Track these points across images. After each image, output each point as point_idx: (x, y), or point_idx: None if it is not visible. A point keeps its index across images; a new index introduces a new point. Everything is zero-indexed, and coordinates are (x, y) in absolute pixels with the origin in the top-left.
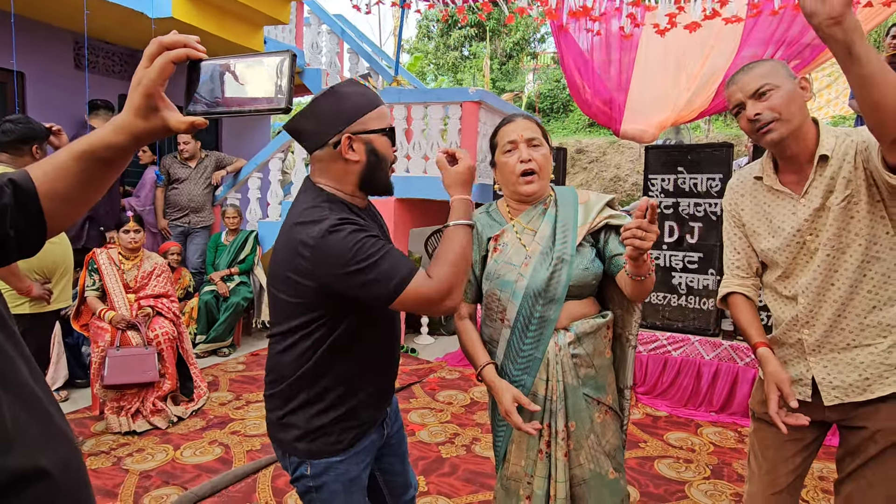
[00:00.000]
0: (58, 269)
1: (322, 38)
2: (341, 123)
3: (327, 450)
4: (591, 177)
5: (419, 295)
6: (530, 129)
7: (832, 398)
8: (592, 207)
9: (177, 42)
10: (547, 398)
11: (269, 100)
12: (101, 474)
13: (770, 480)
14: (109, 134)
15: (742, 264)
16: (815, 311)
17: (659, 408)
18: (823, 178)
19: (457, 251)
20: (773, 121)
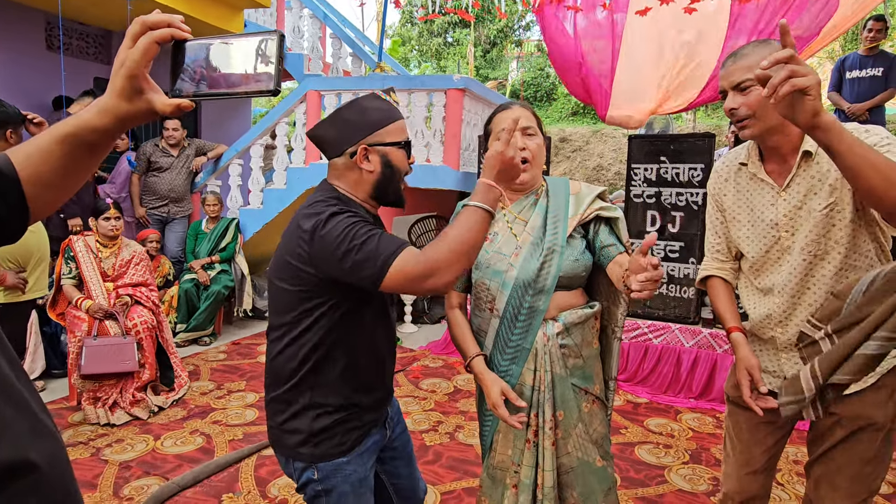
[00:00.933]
0: (32, 257)
1: (304, 22)
2: (359, 134)
3: (332, 452)
4: (574, 166)
5: (404, 273)
6: (525, 116)
7: None
8: (584, 199)
9: (160, 22)
10: (535, 388)
11: (256, 81)
12: (80, 465)
13: (745, 460)
14: (94, 117)
15: (721, 248)
16: (789, 312)
17: (639, 394)
18: (807, 175)
19: (462, 234)
20: (747, 118)
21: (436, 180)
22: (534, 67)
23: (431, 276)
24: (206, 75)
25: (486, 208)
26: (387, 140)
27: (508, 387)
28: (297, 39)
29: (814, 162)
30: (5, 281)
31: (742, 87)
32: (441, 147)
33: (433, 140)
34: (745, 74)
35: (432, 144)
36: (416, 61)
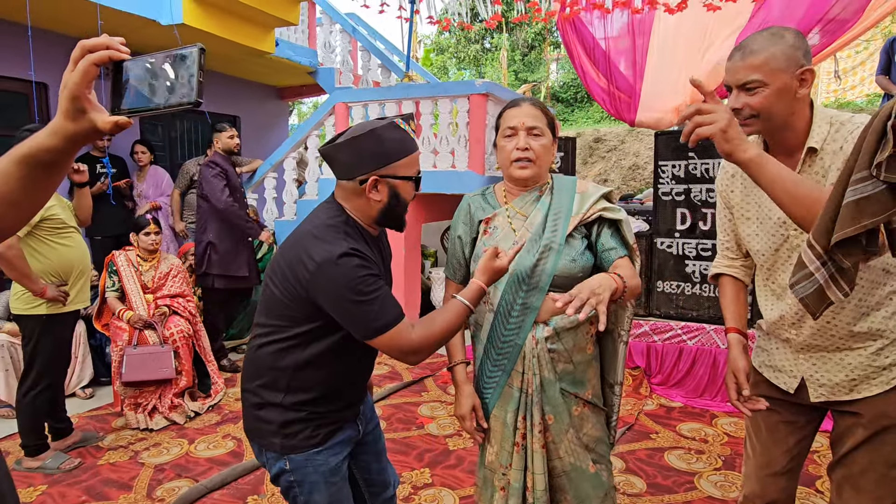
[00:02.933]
0: (74, 270)
1: (335, 37)
2: (372, 165)
3: (303, 444)
4: (609, 166)
5: (394, 342)
6: (533, 116)
7: (818, 395)
8: (588, 198)
9: (98, 45)
10: (522, 390)
11: (180, 95)
12: (119, 468)
13: (764, 461)
14: (45, 138)
15: (731, 245)
16: (802, 315)
17: (674, 398)
18: (812, 172)
19: (449, 324)
20: (750, 117)
21: (462, 186)
22: (572, 69)
23: (414, 353)
24: (141, 92)
25: (470, 307)
26: (399, 173)
27: (480, 406)
28: (328, 54)
29: (818, 159)
30: (45, 294)
31: (748, 87)
32: (466, 152)
33: (458, 146)
34: (752, 74)
35: (457, 150)
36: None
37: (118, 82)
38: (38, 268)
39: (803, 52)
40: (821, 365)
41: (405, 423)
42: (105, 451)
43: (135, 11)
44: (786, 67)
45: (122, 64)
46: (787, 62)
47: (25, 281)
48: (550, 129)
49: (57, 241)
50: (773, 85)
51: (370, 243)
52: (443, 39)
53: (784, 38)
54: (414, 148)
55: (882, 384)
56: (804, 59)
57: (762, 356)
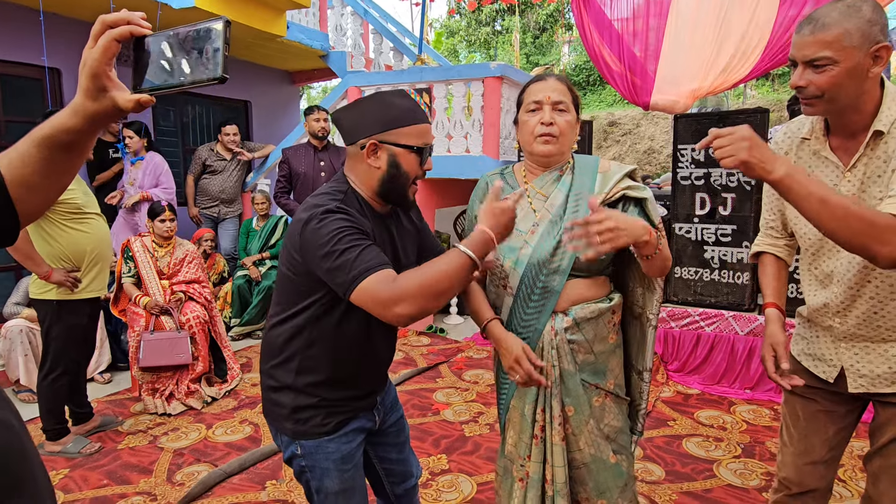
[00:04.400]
0: (86, 257)
1: (346, 20)
2: (374, 128)
3: (314, 431)
4: (624, 149)
5: (371, 293)
6: (559, 91)
7: (857, 385)
8: (611, 177)
9: (119, 20)
10: None
11: (205, 69)
12: (138, 452)
13: (803, 449)
14: (65, 118)
15: (776, 225)
16: (848, 304)
17: (691, 385)
18: (875, 156)
19: (437, 275)
20: (815, 97)
21: (476, 170)
22: (584, 52)
23: (395, 304)
24: (164, 68)
25: (472, 256)
26: (400, 141)
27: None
28: (339, 37)
29: (882, 142)
30: (51, 277)
31: (816, 64)
32: (480, 136)
33: (472, 130)
34: (822, 51)
35: (472, 134)
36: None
37: (140, 59)
38: (48, 251)
39: (880, 28)
40: (863, 355)
41: (421, 409)
42: (125, 436)
43: None
44: (860, 45)
45: (144, 40)
46: (861, 39)
47: (29, 263)
48: (575, 107)
49: (71, 226)
50: (843, 63)
51: (370, 218)
52: (453, 22)
53: (861, 12)
54: (422, 118)
55: None
56: (881, 35)
57: (801, 344)
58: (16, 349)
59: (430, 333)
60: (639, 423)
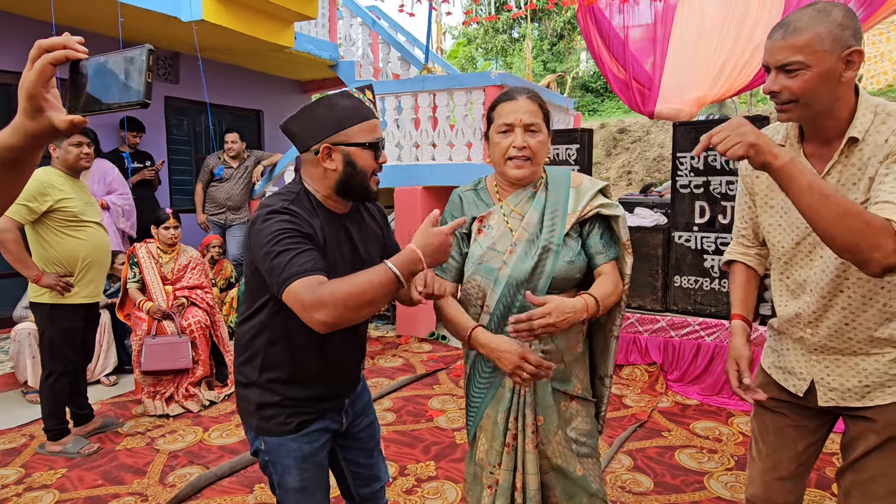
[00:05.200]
0: (79, 262)
1: (355, 30)
2: (324, 133)
3: (276, 429)
4: (633, 157)
5: (296, 297)
6: (531, 112)
7: (827, 399)
8: (584, 193)
9: (55, 44)
10: (515, 392)
11: (128, 94)
12: (135, 454)
13: (771, 465)
14: (6, 136)
15: (747, 234)
16: (820, 315)
17: (689, 395)
18: (848, 163)
19: (361, 288)
20: (789, 102)
21: (477, 178)
22: None
23: (315, 310)
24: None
25: (396, 273)
26: (352, 140)
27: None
28: (348, 47)
29: (857, 150)
30: (40, 281)
31: (788, 69)
32: (482, 145)
33: (473, 138)
34: (794, 56)
35: (473, 143)
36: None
37: (75, 81)
38: (42, 255)
39: (852, 32)
40: (834, 368)
41: (415, 415)
42: (123, 437)
43: (155, 8)
44: (831, 49)
45: (79, 63)
46: (833, 43)
47: (20, 266)
48: (546, 124)
49: (66, 233)
50: (816, 68)
51: (323, 218)
52: (470, 30)
53: (831, 16)
54: (369, 115)
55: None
56: (852, 40)
57: (772, 357)
58: (24, 352)
59: (432, 340)
60: (600, 423)
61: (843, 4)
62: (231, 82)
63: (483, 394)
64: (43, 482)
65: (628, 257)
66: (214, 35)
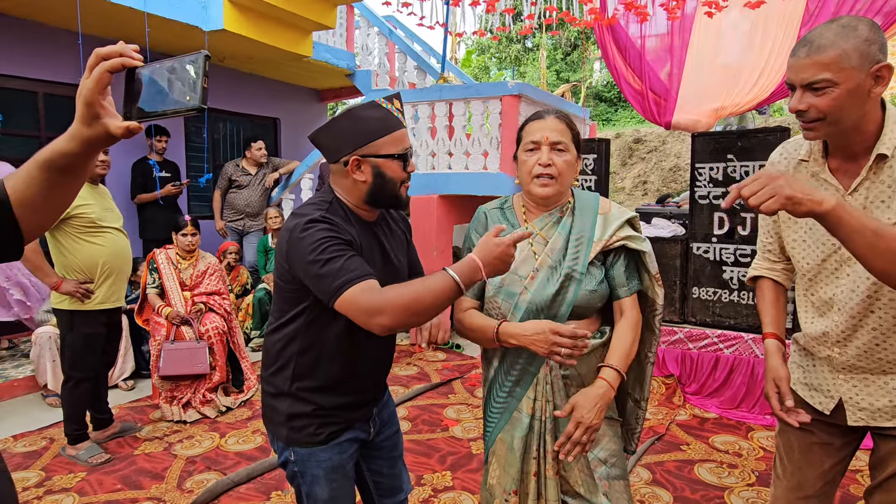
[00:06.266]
0: (98, 269)
1: (372, 39)
2: (352, 146)
3: (307, 440)
4: (649, 167)
5: (354, 302)
6: (558, 131)
7: (857, 419)
8: (612, 222)
9: (112, 52)
10: (535, 418)
11: (186, 100)
12: (153, 458)
13: (796, 483)
14: (63, 142)
15: (773, 248)
16: (849, 334)
17: (708, 409)
18: (877, 180)
19: (422, 295)
20: (816, 120)
21: (493, 187)
22: None
23: (378, 315)
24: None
25: (457, 280)
26: (381, 152)
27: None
28: (365, 57)
29: (886, 166)
30: (60, 288)
31: (815, 87)
32: (498, 154)
33: (490, 147)
34: (821, 73)
35: (490, 152)
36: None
37: (131, 89)
38: (62, 261)
39: (879, 47)
40: (863, 387)
41: (430, 424)
42: (142, 442)
43: (179, 18)
44: (859, 65)
45: (135, 71)
46: (860, 59)
47: (39, 273)
48: (575, 145)
49: (85, 239)
50: (843, 85)
51: (357, 226)
52: (484, 40)
53: (857, 31)
54: (397, 126)
55: None
56: (880, 54)
57: (797, 373)
58: (44, 355)
59: (447, 349)
60: (633, 443)
61: (868, 19)
62: (250, 90)
63: (497, 418)
64: (63, 485)
65: (659, 289)
66: (234, 44)
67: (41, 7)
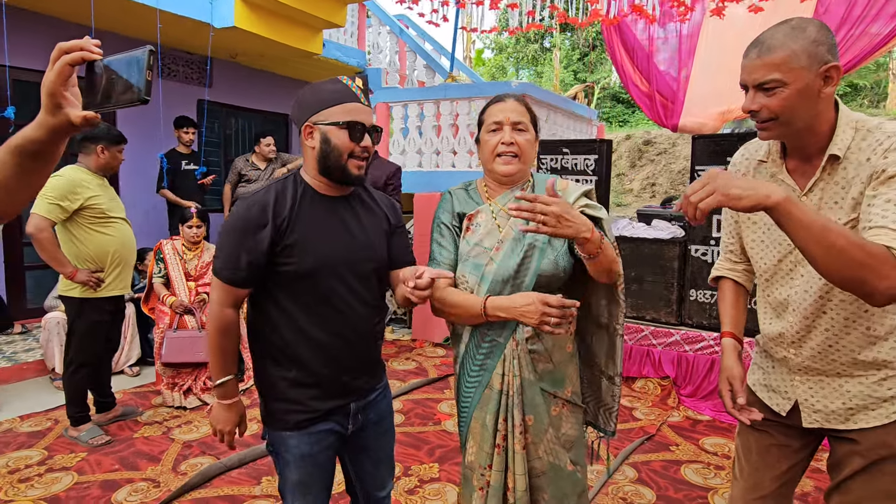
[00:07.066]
0: (108, 257)
1: (383, 38)
2: (308, 113)
3: (275, 423)
4: (658, 169)
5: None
6: (518, 111)
7: (812, 421)
8: (569, 195)
9: (73, 46)
10: (503, 392)
11: (132, 93)
12: (151, 442)
13: (752, 484)
14: (31, 130)
15: (735, 248)
16: (803, 335)
17: (702, 411)
18: (831, 181)
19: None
20: (769, 120)
21: None
22: None
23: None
24: (107, 89)
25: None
26: (328, 119)
27: None
28: (375, 55)
29: (840, 167)
30: (75, 277)
31: (766, 87)
32: None
33: None
34: (770, 74)
35: None
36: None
37: (90, 80)
38: (74, 252)
39: (827, 48)
40: (818, 389)
41: (423, 418)
42: (142, 426)
43: (190, 15)
44: (808, 65)
45: (94, 63)
46: (809, 59)
47: (55, 263)
48: (533, 126)
49: (96, 229)
50: (793, 85)
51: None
52: (501, 39)
53: (806, 33)
54: (351, 98)
55: (881, 417)
56: (829, 55)
57: (757, 374)
58: (53, 340)
59: (446, 345)
60: (612, 423)
61: (818, 21)
62: (261, 87)
63: (472, 393)
64: (63, 464)
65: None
66: (246, 41)
67: (56, 2)
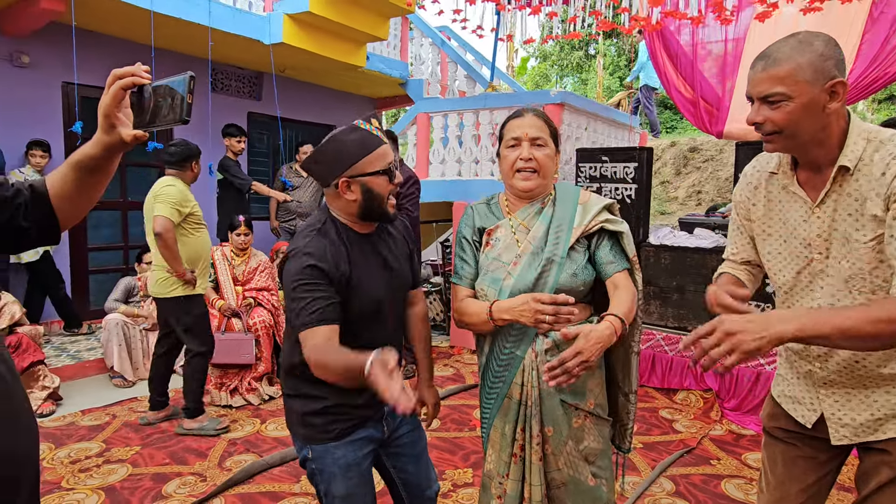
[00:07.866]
0: (201, 259)
1: (425, 50)
2: (340, 169)
3: (320, 437)
4: (704, 177)
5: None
6: (536, 127)
7: (840, 437)
8: (590, 209)
9: (125, 73)
10: (521, 403)
11: (174, 113)
12: (199, 438)
13: (778, 497)
14: (89, 147)
15: (736, 259)
16: (829, 349)
17: (746, 425)
18: (843, 192)
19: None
20: (773, 133)
21: None
22: None
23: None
24: (153, 111)
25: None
26: (366, 171)
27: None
28: (418, 66)
29: (852, 179)
30: (184, 276)
31: (770, 100)
32: None
33: None
34: (775, 87)
35: None
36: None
37: (140, 102)
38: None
39: (834, 63)
40: (844, 402)
41: (458, 423)
42: None
43: (241, 33)
44: (813, 80)
45: (143, 87)
46: (814, 74)
47: (174, 262)
48: (553, 140)
49: (195, 233)
50: (798, 99)
51: (351, 241)
52: (545, 47)
53: (812, 47)
54: (375, 144)
55: None
56: (835, 70)
57: (782, 385)
58: (112, 339)
59: None
60: (626, 440)
61: (825, 35)
62: (307, 99)
63: (492, 404)
64: (119, 457)
65: (637, 273)
66: (293, 56)
67: (121, 25)
